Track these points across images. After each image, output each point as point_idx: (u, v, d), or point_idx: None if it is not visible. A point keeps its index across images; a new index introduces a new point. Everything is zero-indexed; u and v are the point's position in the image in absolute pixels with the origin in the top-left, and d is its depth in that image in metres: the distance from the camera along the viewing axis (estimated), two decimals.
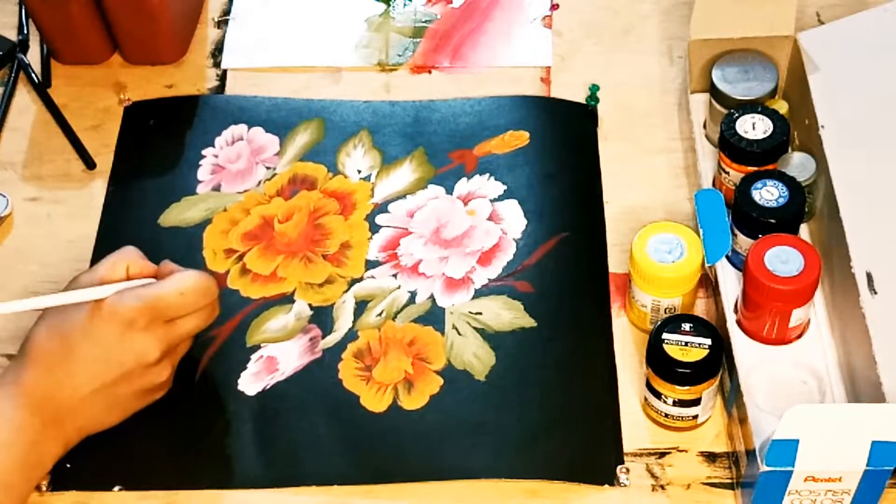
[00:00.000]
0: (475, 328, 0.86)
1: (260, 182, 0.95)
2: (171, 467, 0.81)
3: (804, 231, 0.87)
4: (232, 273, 0.90)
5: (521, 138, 0.96)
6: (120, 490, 0.80)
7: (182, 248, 0.91)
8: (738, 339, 0.82)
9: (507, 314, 0.87)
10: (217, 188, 0.95)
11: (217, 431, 0.82)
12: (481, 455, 0.80)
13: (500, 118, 0.97)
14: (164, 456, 0.82)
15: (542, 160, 0.95)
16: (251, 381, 0.85)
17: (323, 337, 0.86)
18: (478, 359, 0.85)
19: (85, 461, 0.81)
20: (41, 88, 1.01)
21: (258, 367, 0.85)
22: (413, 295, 0.88)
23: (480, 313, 0.87)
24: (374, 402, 0.83)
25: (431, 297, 0.88)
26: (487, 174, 0.94)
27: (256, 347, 0.86)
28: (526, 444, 0.81)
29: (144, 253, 0.83)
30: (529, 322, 0.86)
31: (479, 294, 0.88)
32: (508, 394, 0.83)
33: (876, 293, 0.77)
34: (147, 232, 0.92)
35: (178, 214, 0.93)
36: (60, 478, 0.80)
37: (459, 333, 0.86)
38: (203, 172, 0.95)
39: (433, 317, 0.87)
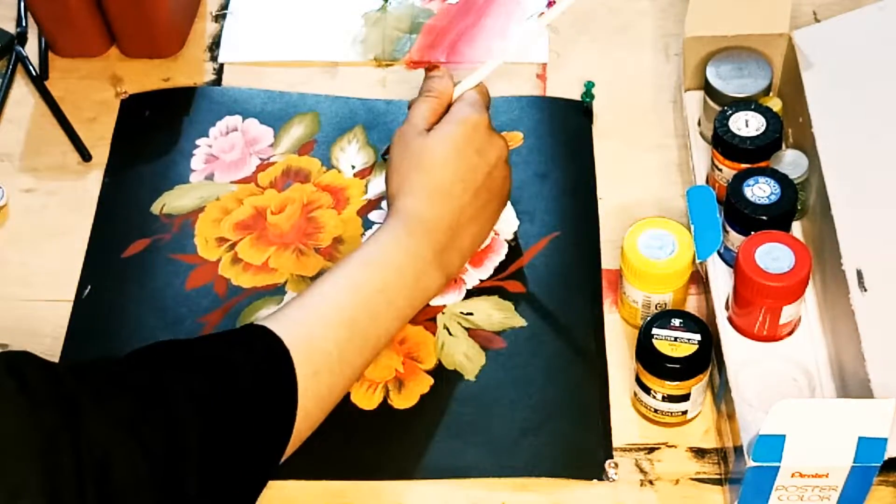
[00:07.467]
0: (466, 329, 0.86)
1: (253, 173, 0.95)
2: None
3: (796, 228, 0.87)
4: (223, 261, 0.90)
5: (514, 139, 0.96)
6: None
7: (174, 235, 0.91)
8: (728, 335, 0.82)
9: (498, 314, 0.87)
10: (210, 177, 0.95)
11: None
12: (471, 454, 0.80)
13: (493, 119, 0.96)
14: None
15: (535, 160, 0.94)
16: None
17: None
18: (468, 359, 0.85)
19: None
20: (39, 81, 1.01)
21: None
22: None
23: (472, 314, 0.87)
24: (365, 399, 0.83)
25: None
26: None
27: None
28: (515, 442, 0.81)
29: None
30: (520, 322, 0.86)
31: (470, 294, 0.88)
32: (498, 394, 0.83)
33: (866, 290, 0.77)
34: (139, 219, 0.92)
35: (171, 202, 0.93)
36: None
37: (451, 334, 0.86)
38: (196, 162, 0.96)
39: (424, 316, 0.87)
